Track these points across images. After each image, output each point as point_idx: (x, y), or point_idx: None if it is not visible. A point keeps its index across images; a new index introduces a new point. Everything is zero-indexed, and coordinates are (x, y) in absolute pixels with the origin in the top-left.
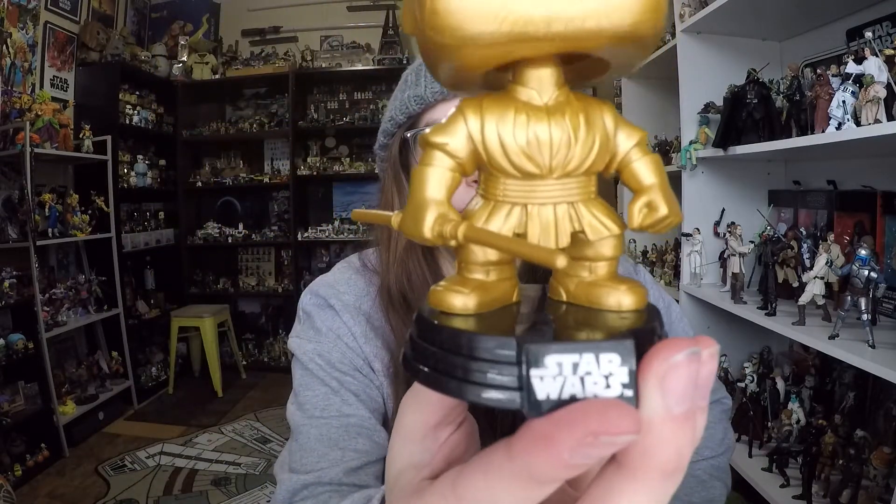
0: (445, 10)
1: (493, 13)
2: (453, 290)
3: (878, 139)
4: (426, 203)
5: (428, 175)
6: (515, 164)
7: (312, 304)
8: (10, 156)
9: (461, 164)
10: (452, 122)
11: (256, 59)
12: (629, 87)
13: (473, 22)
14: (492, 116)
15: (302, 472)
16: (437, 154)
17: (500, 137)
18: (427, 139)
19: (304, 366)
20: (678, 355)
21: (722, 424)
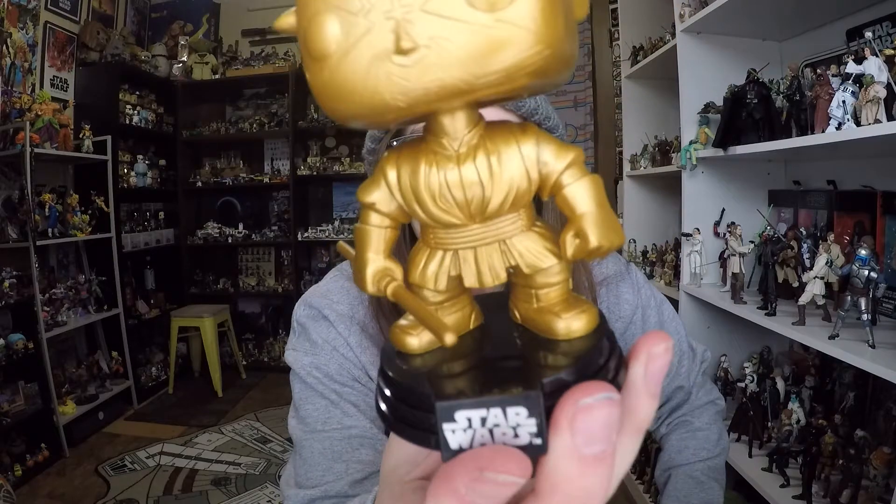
0: (321, 94)
1: (361, 101)
2: (407, 332)
3: (878, 139)
4: (365, 262)
5: (365, 235)
6: (433, 215)
7: (306, 315)
8: (10, 156)
9: (393, 219)
10: (375, 178)
11: (256, 59)
12: (629, 86)
13: (347, 107)
14: (406, 170)
15: (308, 487)
16: (370, 214)
17: (414, 192)
18: (359, 198)
19: (303, 380)
20: (588, 399)
21: (717, 426)
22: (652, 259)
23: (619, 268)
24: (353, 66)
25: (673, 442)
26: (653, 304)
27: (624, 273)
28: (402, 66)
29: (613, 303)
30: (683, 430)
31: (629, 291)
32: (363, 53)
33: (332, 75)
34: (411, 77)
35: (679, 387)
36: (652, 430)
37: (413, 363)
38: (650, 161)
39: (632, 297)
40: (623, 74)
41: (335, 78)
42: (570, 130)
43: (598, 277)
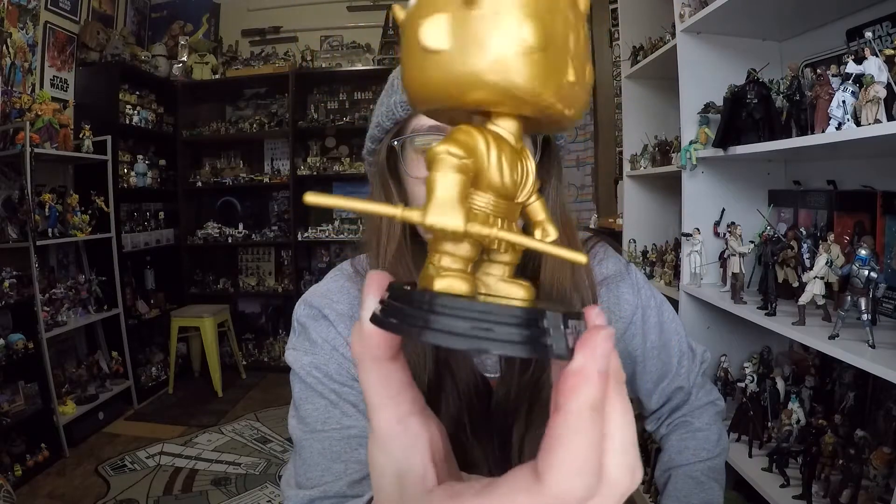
0: (407, 88)
1: (427, 97)
2: (460, 278)
3: (878, 139)
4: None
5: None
6: (493, 181)
7: (306, 315)
8: (10, 156)
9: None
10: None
11: (256, 59)
12: (629, 87)
13: (423, 101)
14: (492, 144)
15: (307, 488)
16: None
17: (494, 159)
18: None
19: (303, 379)
20: (604, 330)
21: (717, 426)
22: (652, 259)
23: (619, 268)
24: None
25: (673, 442)
26: (653, 305)
27: (624, 273)
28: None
29: (614, 303)
30: (683, 431)
31: (629, 292)
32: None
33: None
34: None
35: (679, 387)
36: (652, 430)
37: (482, 299)
38: (650, 161)
39: (632, 297)
40: (623, 74)
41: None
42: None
43: (598, 277)
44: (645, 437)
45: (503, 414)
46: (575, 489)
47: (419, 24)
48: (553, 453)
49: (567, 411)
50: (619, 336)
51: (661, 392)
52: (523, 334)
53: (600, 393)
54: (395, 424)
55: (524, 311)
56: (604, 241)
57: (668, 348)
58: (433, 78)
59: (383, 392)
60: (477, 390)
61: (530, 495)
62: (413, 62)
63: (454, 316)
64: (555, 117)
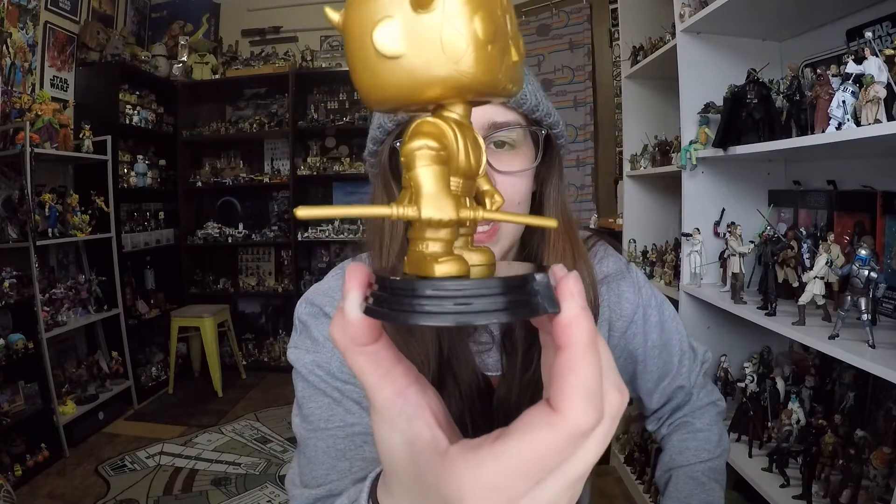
0: (361, 90)
1: (385, 99)
2: (456, 260)
3: (878, 139)
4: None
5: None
6: (461, 164)
7: (308, 313)
8: (10, 156)
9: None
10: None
11: (256, 59)
12: (629, 86)
13: (379, 103)
14: (459, 131)
15: (313, 486)
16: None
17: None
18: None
19: (305, 378)
20: (571, 277)
21: (718, 427)
22: (652, 259)
23: (619, 267)
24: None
25: (674, 443)
26: (653, 304)
27: (624, 272)
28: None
29: (615, 301)
30: (684, 431)
31: (630, 290)
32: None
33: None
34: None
35: (680, 386)
36: (653, 430)
37: (469, 277)
38: (650, 161)
39: (633, 295)
40: (623, 74)
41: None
42: (570, 130)
43: (598, 276)
44: (645, 437)
45: (505, 412)
46: (591, 414)
47: (373, 32)
48: (566, 385)
49: (574, 345)
50: (619, 334)
51: (661, 391)
52: (517, 301)
53: (594, 326)
54: (394, 398)
55: (516, 279)
56: (604, 240)
57: (669, 347)
58: (390, 81)
59: (375, 371)
60: (479, 390)
61: (551, 428)
62: (366, 67)
63: (453, 296)
64: (504, 95)
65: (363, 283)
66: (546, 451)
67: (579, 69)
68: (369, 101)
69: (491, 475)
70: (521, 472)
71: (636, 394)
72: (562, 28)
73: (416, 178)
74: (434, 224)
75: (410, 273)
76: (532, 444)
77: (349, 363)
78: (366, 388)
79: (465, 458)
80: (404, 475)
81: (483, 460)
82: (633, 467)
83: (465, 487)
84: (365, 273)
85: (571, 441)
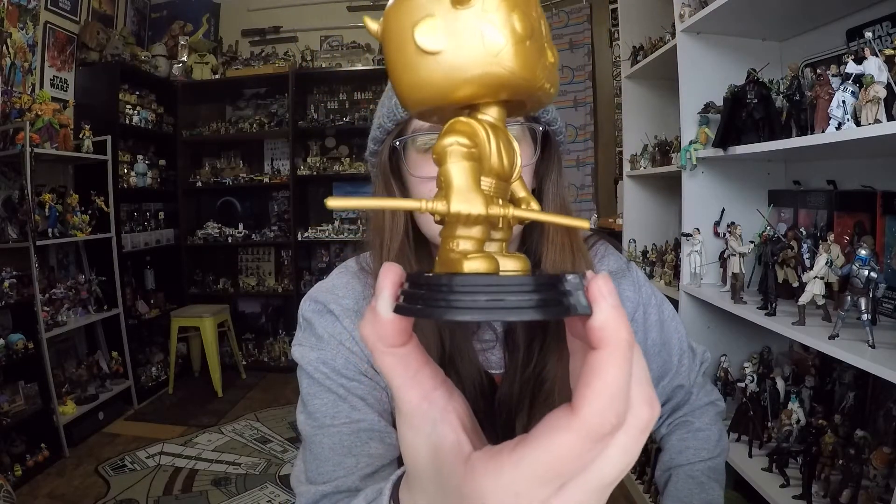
0: (400, 91)
1: (423, 98)
2: (486, 257)
3: (878, 139)
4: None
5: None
6: (492, 164)
7: (312, 310)
8: (10, 156)
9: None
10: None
11: (256, 59)
12: (629, 87)
13: (416, 102)
14: (490, 131)
15: (319, 483)
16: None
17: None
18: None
19: (310, 375)
20: (601, 278)
21: (717, 426)
22: (652, 259)
23: (619, 265)
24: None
25: (673, 442)
26: (653, 303)
27: (625, 270)
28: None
29: None
30: (684, 431)
31: (630, 289)
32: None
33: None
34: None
35: (679, 385)
36: (653, 430)
37: (494, 274)
38: (650, 161)
39: (633, 294)
40: (623, 74)
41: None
42: (570, 130)
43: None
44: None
45: (507, 409)
46: (609, 417)
47: (414, 29)
48: (589, 387)
49: (604, 346)
50: None
51: (661, 390)
52: (549, 300)
53: (630, 331)
54: (420, 401)
55: (546, 277)
56: (604, 239)
57: (668, 346)
58: (430, 78)
59: (403, 373)
60: (482, 388)
61: (570, 431)
62: (406, 66)
63: (484, 292)
64: (541, 96)
65: (396, 282)
66: (564, 454)
67: (579, 69)
68: (409, 100)
69: (511, 481)
70: (540, 478)
71: None
72: (562, 28)
73: (446, 173)
74: (463, 219)
75: (441, 272)
76: (550, 447)
77: (378, 363)
78: (392, 389)
79: (485, 464)
80: (427, 479)
81: (503, 466)
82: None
83: (486, 492)
84: (398, 273)
85: (589, 445)
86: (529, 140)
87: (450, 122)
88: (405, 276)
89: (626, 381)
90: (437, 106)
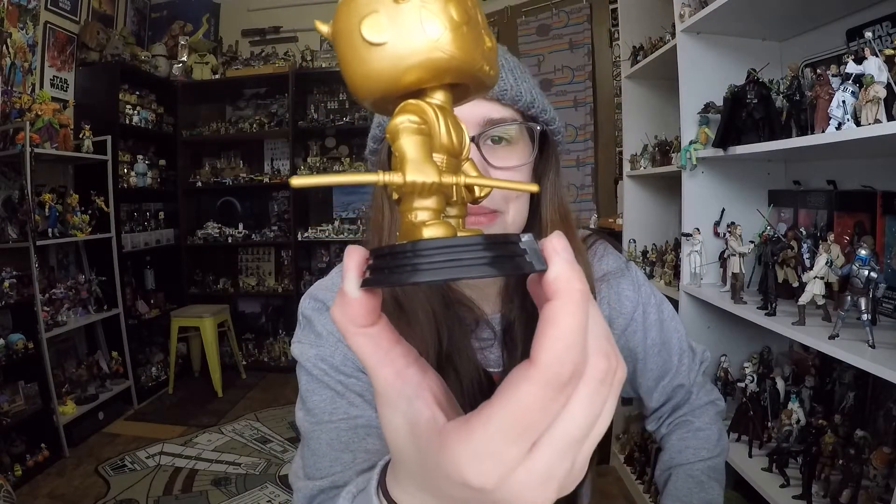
0: (351, 83)
1: (373, 87)
2: (443, 224)
3: (878, 139)
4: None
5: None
6: (443, 141)
7: (312, 307)
8: (10, 156)
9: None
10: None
11: (256, 59)
12: (629, 86)
13: (368, 92)
14: (439, 111)
15: (316, 478)
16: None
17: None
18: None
19: (309, 371)
20: (555, 236)
21: (717, 426)
22: (652, 259)
23: (619, 265)
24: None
25: (674, 442)
26: (653, 302)
27: (624, 270)
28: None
29: (615, 299)
30: (684, 430)
31: (629, 288)
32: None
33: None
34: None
35: (679, 385)
36: (653, 430)
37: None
38: (650, 161)
39: (632, 293)
40: (623, 74)
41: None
42: (570, 130)
43: (597, 273)
44: (645, 437)
45: None
46: (566, 363)
47: (360, 24)
48: (545, 335)
49: (557, 297)
50: (620, 332)
51: (661, 390)
52: (504, 256)
53: (584, 285)
54: (394, 379)
55: (501, 236)
56: (604, 238)
57: (668, 346)
58: (378, 67)
59: (375, 352)
60: (480, 385)
61: (529, 381)
62: (356, 59)
63: (442, 253)
64: (483, 78)
65: (360, 262)
66: (528, 405)
67: (579, 69)
68: (359, 91)
69: (481, 442)
70: (508, 434)
71: (636, 393)
72: (562, 28)
73: (399, 148)
74: (418, 188)
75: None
76: (514, 400)
77: (350, 344)
78: (367, 369)
79: (457, 432)
80: (409, 458)
81: (473, 430)
82: (633, 467)
83: (460, 459)
84: (361, 253)
85: (550, 394)
86: (527, 140)
87: (400, 105)
88: (369, 254)
89: (580, 330)
90: (387, 94)
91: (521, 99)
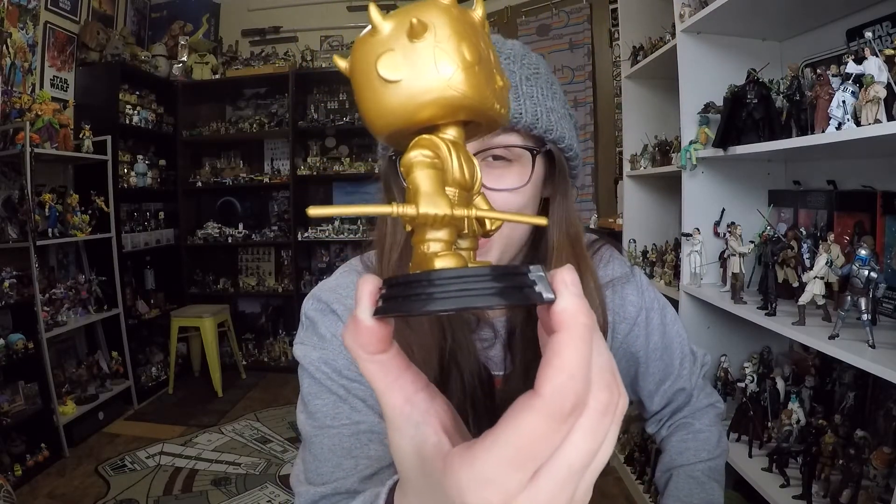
0: (367, 118)
1: (388, 123)
2: (454, 255)
3: (878, 139)
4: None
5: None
6: (455, 176)
7: (315, 309)
8: (10, 156)
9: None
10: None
11: (256, 59)
12: (629, 87)
13: (383, 127)
14: (451, 146)
15: (318, 484)
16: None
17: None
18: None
19: (311, 374)
20: (566, 270)
21: (717, 428)
22: (652, 259)
23: (624, 270)
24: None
25: (674, 443)
26: (656, 307)
27: (629, 275)
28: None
29: (619, 304)
30: (684, 432)
31: (633, 293)
32: None
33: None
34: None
35: (681, 388)
36: (653, 432)
37: (464, 266)
38: (650, 161)
39: (636, 298)
40: (623, 74)
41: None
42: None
43: (603, 279)
44: (645, 437)
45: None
46: (568, 395)
47: (377, 62)
48: (549, 365)
49: (562, 329)
50: (622, 336)
51: (662, 394)
52: (514, 287)
53: (591, 318)
54: (402, 405)
55: (512, 267)
56: (609, 243)
57: (670, 350)
58: (393, 104)
59: (385, 379)
60: (482, 382)
61: (533, 410)
62: (371, 95)
63: (453, 283)
64: (494, 116)
65: (373, 291)
66: (530, 434)
67: (579, 69)
68: (375, 126)
69: (484, 468)
70: (511, 462)
71: (637, 396)
72: (562, 28)
73: (413, 181)
74: (431, 220)
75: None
76: (516, 429)
77: (361, 369)
78: (377, 394)
79: (461, 457)
80: (416, 481)
81: (476, 455)
82: (633, 467)
83: (463, 485)
84: (374, 282)
85: (553, 424)
86: (528, 160)
87: (415, 139)
88: (382, 283)
89: (584, 362)
90: (402, 129)
91: (520, 121)
